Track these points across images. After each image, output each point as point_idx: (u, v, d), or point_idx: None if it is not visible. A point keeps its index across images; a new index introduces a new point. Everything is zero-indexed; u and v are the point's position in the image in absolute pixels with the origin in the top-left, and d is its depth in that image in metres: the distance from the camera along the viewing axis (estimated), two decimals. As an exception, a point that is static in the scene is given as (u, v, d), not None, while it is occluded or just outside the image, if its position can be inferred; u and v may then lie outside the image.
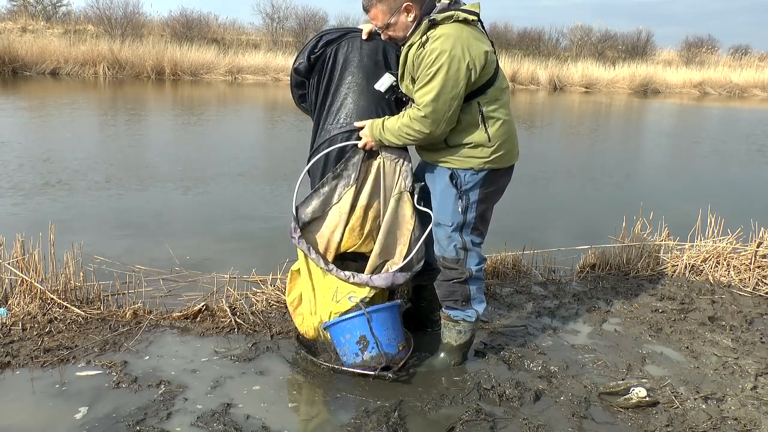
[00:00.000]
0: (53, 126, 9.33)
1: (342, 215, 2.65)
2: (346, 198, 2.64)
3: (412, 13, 2.37)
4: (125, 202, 5.39)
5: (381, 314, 2.54)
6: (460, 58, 2.26)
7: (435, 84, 2.29)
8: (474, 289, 2.60)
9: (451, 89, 2.29)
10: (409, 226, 2.67)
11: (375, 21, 2.44)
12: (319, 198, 2.65)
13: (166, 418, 2.26)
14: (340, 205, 2.65)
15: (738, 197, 6.99)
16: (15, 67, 16.25)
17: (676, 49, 34.08)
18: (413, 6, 2.36)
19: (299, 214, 2.65)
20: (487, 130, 2.40)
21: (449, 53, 2.26)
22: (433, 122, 2.34)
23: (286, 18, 27.28)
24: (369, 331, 2.50)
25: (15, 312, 2.94)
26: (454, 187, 2.47)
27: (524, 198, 6.20)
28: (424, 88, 2.32)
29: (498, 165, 2.47)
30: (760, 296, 3.75)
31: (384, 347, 2.52)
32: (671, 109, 18.94)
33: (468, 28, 2.34)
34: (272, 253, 3.98)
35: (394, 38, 2.47)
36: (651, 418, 2.41)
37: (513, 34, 30.03)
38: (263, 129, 10.99)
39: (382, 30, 2.46)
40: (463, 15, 2.33)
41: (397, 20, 2.39)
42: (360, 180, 2.64)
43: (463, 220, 2.51)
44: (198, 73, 18.40)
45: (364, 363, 2.52)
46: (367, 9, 2.43)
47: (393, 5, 2.37)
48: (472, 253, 2.57)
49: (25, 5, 25.65)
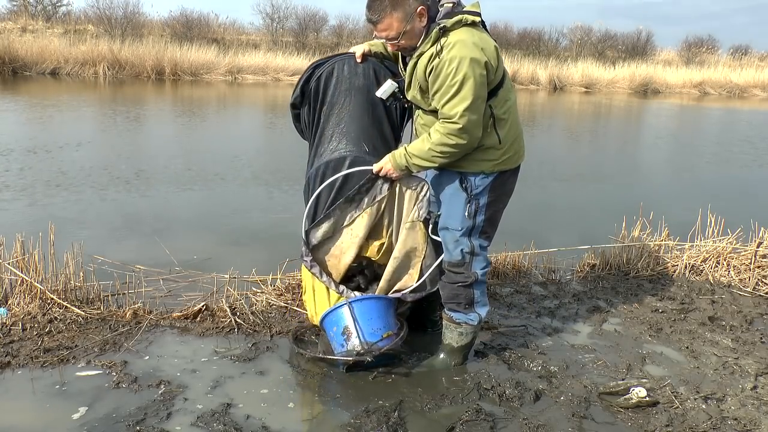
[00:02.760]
0: (53, 126, 9.33)
1: (354, 238, 2.68)
2: (359, 222, 2.66)
3: (425, 18, 2.30)
4: (125, 202, 5.38)
5: (363, 304, 2.58)
6: (479, 60, 2.22)
7: (465, 93, 2.22)
8: (478, 292, 2.59)
9: (480, 94, 2.25)
10: (420, 255, 2.68)
11: (388, 31, 2.31)
12: (329, 222, 2.68)
13: (166, 418, 2.26)
14: (353, 228, 2.67)
15: (738, 197, 6.99)
16: (15, 67, 16.25)
17: (676, 49, 34.12)
18: (425, 10, 2.30)
19: (310, 238, 2.69)
20: (497, 133, 2.37)
21: (469, 59, 2.20)
22: (471, 132, 2.28)
23: (286, 18, 27.31)
24: (352, 322, 2.54)
25: (15, 312, 2.94)
26: (464, 191, 2.45)
27: (524, 198, 6.19)
28: (454, 100, 2.24)
29: (507, 166, 2.46)
30: (760, 296, 3.75)
31: (366, 337, 2.54)
32: (671, 109, 18.93)
33: (477, 30, 2.31)
34: (272, 253, 3.98)
35: (405, 48, 2.38)
36: (651, 418, 2.41)
37: (513, 34, 30.05)
38: (263, 129, 10.99)
39: (392, 40, 2.35)
40: (471, 18, 2.28)
41: (412, 27, 2.30)
42: (373, 205, 2.65)
43: (472, 224, 2.49)
44: (198, 73, 18.40)
45: (347, 353, 2.55)
46: (379, 21, 2.30)
47: (408, 10, 2.28)
48: (479, 257, 2.55)
49: (25, 5, 25.64)
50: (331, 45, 23.64)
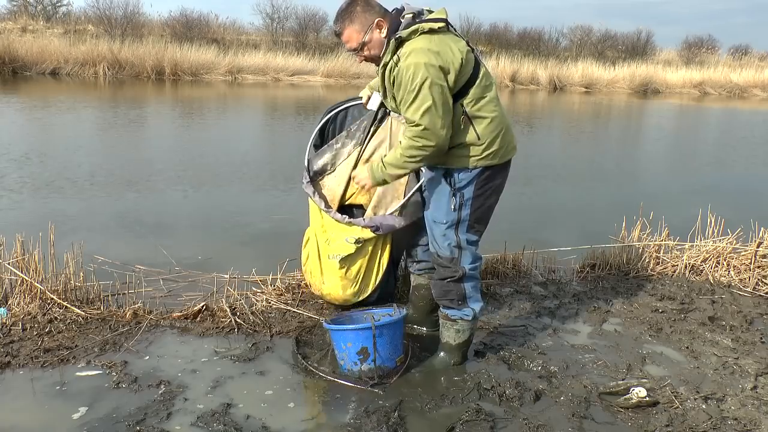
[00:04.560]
0: (53, 126, 9.33)
1: (348, 169, 2.94)
2: (353, 156, 2.94)
3: (384, 29, 2.41)
4: (125, 202, 5.38)
5: (388, 329, 2.56)
6: (434, 64, 2.29)
7: (423, 96, 2.30)
8: (469, 287, 2.61)
9: (439, 96, 2.30)
10: (403, 182, 2.87)
11: (350, 43, 2.46)
12: (331, 152, 2.94)
13: (166, 418, 2.26)
14: (348, 161, 2.94)
15: (738, 197, 6.99)
16: (15, 67, 16.23)
17: (676, 49, 34.11)
18: (384, 22, 2.40)
19: (311, 165, 2.95)
20: (475, 129, 2.41)
21: (424, 65, 2.28)
22: (435, 132, 2.33)
23: (286, 18, 27.25)
24: (372, 345, 2.52)
25: (15, 312, 2.94)
26: (449, 185, 2.49)
27: (524, 198, 6.20)
28: (414, 104, 2.33)
29: (492, 162, 2.48)
30: (760, 296, 3.75)
31: (383, 362, 2.55)
32: (671, 109, 18.94)
33: (436, 36, 2.35)
34: (272, 253, 3.98)
35: (371, 58, 2.50)
36: (651, 418, 2.41)
37: (513, 34, 30.02)
38: (263, 129, 10.99)
39: (356, 52, 2.49)
40: (428, 26, 2.34)
41: (371, 37, 2.42)
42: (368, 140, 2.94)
43: (457, 218, 2.51)
44: (198, 73, 18.38)
45: (361, 373, 2.54)
46: (340, 33, 2.46)
47: (365, 22, 2.41)
48: (466, 251, 2.57)
49: (25, 5, 25.63)
50: (331, 45, 23.59)
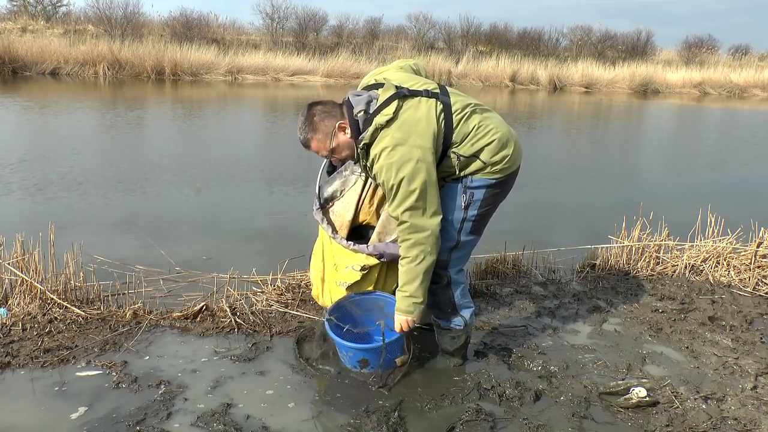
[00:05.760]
0: (53, 126, 9.33)
1: (356, 195, 2.91)
2: (360, 182, 2.88)
3: (348, 129, 2.39)
4: (125, 202, 5.38)
5: (394, 342, 2.56)
6: (406, 159, 2.27)
7: (401, 194, 2.30)
8: (458, 293, 2.58)
9: (419, 182, 2.29)
10: None
11: (320, 151, 2.46)
12: (340, 179, 2.92)
13: (166, 418, 2.26)
14: (356, 187, 2.90)
15: (738, 197, 6.99)
16: (15, 67, 16.25)
17: (676, 49, 34.11)
18: (345, 123, 2.39)
19: (322, 192, 2.93)
20: (480, 159, 2.40)
21: (395, 164, 2.27)
22: (421, 224, 2.33)
23: (286, 18, 27.23)
24: (378, 359, 2.54)
25: (15, 312, 2.94)
26: (459, 182, 2.46)
27: (524, 198, 6.20)
28: (394, 202, 2.34)
29: (505, 174, 2.48)
30: (760, 296, 3.75)
31: (384, 366, 2.56)
32: (671, 109, 18.93)
33: (395, 123, 2.32)
34: (272, 253, 3.98)
35: (345, 159, 2.52)
36: (651, 418, 2.41)
37: (513, 34, 30.06)
38: (263, 129, 10.99)
39: (329, 156, 2.50)
40: (383, 119, 2.31)
41: (338, 142, 2.42)
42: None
43: (462, 216, 2.49)
44: (198, 73, 18.39)
45: (361, 374, 2.59)
46: (308, 145, 2.46)
47: (326, 130, 2.40)
48: (457, 256, 2.53)
49: (25, 5, 25.62)
50: (331, 45, 23.60)
